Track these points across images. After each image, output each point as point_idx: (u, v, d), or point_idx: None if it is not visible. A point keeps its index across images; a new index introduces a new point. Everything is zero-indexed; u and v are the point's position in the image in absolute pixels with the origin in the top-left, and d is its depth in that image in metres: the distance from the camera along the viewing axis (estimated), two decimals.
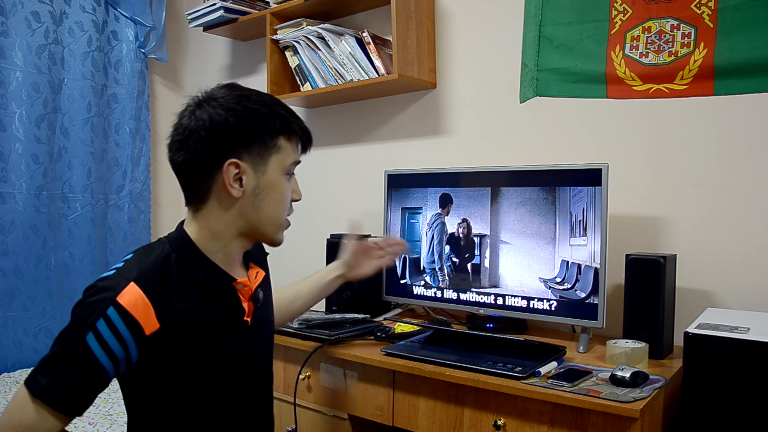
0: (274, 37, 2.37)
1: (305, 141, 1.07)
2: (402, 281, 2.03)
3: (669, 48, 1.69)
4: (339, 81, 2.22)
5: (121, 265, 0.98)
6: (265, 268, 1.21)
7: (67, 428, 0.95)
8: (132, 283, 0.92)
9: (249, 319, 1.08)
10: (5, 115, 2.41)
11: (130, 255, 1.01)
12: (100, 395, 0.95)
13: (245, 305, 1.07)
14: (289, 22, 2.33)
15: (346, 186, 2.48)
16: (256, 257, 1.19)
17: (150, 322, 0.92)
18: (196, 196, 1.02)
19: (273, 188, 1.01)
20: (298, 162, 1.07)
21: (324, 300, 2.13)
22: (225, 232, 1.03)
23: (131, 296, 0.91)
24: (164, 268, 0.98)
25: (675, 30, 1.68)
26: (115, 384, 1.03)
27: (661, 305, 1.51)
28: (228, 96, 1.00)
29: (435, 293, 1.96)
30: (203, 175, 0.99)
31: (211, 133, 0.97)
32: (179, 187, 1.04)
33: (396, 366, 1.52)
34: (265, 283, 1.18)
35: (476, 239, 1.87)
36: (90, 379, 0.91)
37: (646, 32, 1.72)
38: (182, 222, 1.06)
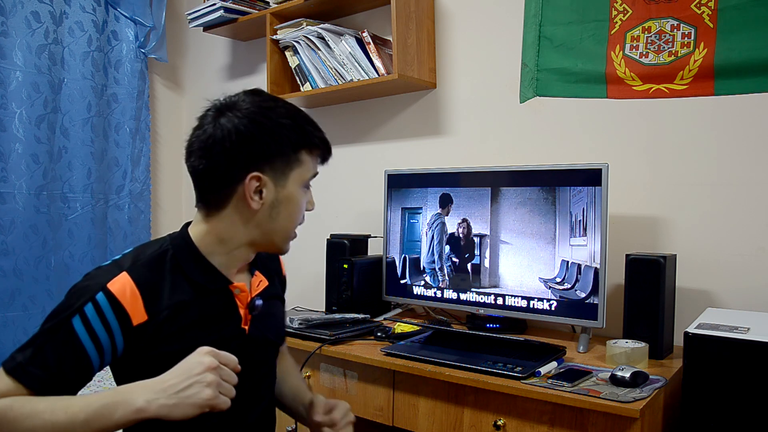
0: (274, 37, 2.37)
1: (325, 153, 1.06)
2: (402, 281, 2.03)
3: (669, 48, 1.69)
4: (339, 81, 2.22)
5: (119, 257, 1.00)
6: (273, 279, 1.17)
7: None
8: (124, 272, 0.94)
9: (247, 328, 1.06)
10: (5, 115, 2.41)
11: (130, 249, 1.02)
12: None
13: (242, 312, 1.05)
14: (289, 22, 2.33)
15: (346, 186, 2.48)
16: (263, 266, 1.15)
17: (138, 313, 0.93)
18: (211, 202, 1.01)
19: (291, 201, 1.00)
20: (317, 174, 1.05)
21: (324, 300, 2.14)
22: (234, 239, 1.02)
23: (121, 284, 0.92)
24: (158, 263, 0.98)
25: (675, 30, 1.68)
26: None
27: (661, 305, 1.51)
28: (253, 106, 0.98)
29: (435, 293, 1.96)
30: (224, 185, 0.99)
31: (236, 145, 0.96)
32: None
33: (396, 366, 1.52)
34: (269, 295, 1.13)
35: (476, 239, 1.87)
36: (71, 363, 0.90)
37: (646, 32, 1.72)
38: (188, 223, 1.06)
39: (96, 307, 0.90)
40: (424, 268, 1.99)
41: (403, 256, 2.04)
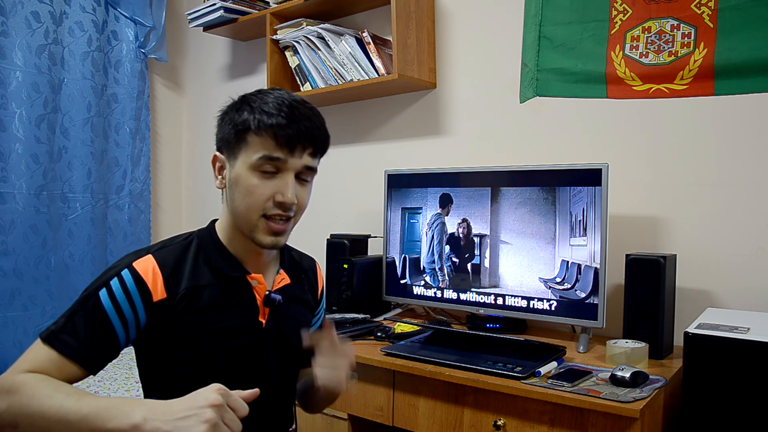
0: (274, 37, 2.37)
1: (280, 137, 0.98)
2: (402, 281, 2.03)
3: (669, 48, 1.69)
4: (339, 81, 2.22)
5: (152, 245, 1.07)
6: (300, 283, 1.18)
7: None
8: (150, 255, 1.01)
9: (264, 321, 1.07)
10: (5, 115, 2.41)
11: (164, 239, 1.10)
12: (107, 392, 0.93)
13: (260, 305, 1.07)
14: (289, 22, 2.33)
15: (347, 186, 2.48)
16: (295, 269, 1.17)
17: (158, 290, 0.99)
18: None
19: (239, 182, 1.02)
20: (272, 158, 0.98)
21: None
22: (227, 223, 1.08)
23: (145, 264, 1.00)
24: (183, 250, 1.06)
25: (675, 30, 1.68)
26: (117, 383, 1.02)
27: (661, 305, 1.51)
28: (240, 95, 1.06)
29: (435, 293, 1.96)
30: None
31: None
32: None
33: (396, 366, 1.52)
34: (292, 297, 1.14)
35: (476, 239, 1.87)
36: (99, 333, 0.96)
37: (646, 32, 1.72)
38: (216, 219, 1.12)
39: (121, 282, 0.97)
40: (424, 268, 1.99)
41: (403, 256, 2.04)
